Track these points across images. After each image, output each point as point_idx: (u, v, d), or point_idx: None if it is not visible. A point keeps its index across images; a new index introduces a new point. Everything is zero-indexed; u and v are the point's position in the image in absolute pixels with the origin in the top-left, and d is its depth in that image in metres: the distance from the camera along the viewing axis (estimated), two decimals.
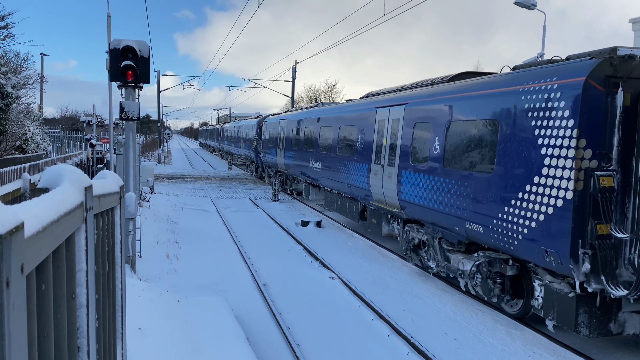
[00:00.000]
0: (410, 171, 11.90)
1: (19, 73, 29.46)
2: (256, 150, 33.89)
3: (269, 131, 28.83)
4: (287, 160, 24.11)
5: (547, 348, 8.13)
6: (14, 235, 1.02)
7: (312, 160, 19.97)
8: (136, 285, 8.54)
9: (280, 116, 27.82)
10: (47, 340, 1.46)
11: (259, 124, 33.51)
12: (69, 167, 1.96)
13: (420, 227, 11.88)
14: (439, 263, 10.99)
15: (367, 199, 14.77)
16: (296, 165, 22.55)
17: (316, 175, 19.74)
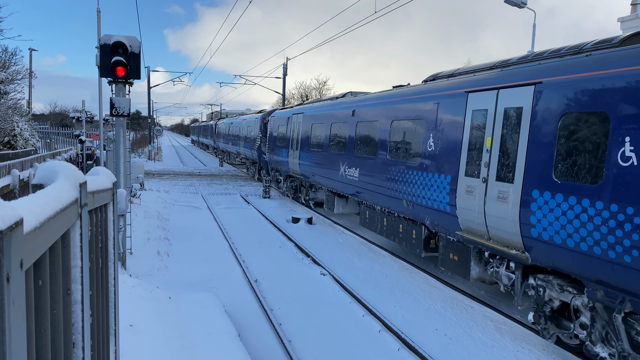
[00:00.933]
0: (551, 192, 7.39)
1: (7, 68, 29.12)
2: (259, 150, 29.42)
3: (277, 128, 24.37)
4: (304, 163, 19.68)
5: (536, 343, 8.23)
6: (14, 231, 1.04)
7: (344, 165, 15.64)
8: (127, 282, 8.52)
9: (293, 110, 22.55)
10: (44, 335, 1.47)
11: (264, 119, 29.14)
12: (64, 164, 1.96)
13: (567, 284, 7.55)
14: (623, 354, 6.51)
15: (444, 226, 10.35)
16: (317, 170, 18.14)
17: (350, 184, 15.28)
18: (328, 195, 18.19)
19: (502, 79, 8.89)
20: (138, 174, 23.83)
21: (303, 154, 19.82)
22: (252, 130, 32.12)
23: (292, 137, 21.45)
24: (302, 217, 17.98)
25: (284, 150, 22.61)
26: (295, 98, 66.97)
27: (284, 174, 23.83)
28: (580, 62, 7.35)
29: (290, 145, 21.67)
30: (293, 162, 21.20)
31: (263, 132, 28.93)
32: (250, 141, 32.21)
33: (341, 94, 18.55)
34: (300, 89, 69.07)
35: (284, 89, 41.49)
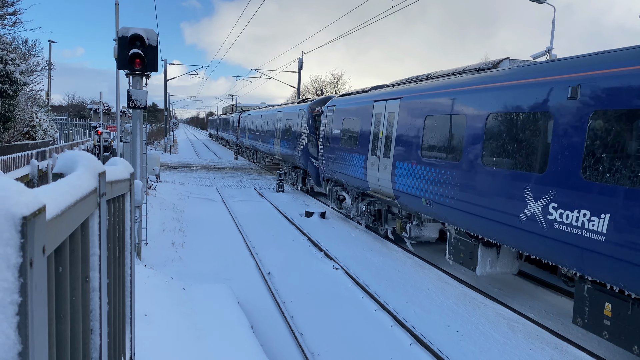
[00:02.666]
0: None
1: (27, 60, 29.55)
2: (306, 153, 22.61)
3: (341, 122, 17.35)
4: (410, 180, 12.18)
5: (549, 342, 8.17)
6: (37, 218, 1.06)
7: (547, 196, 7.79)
8: (142, 272, 8.63)
9: (379, 94, 14.85)
10: (63, 321, 1.50)
11: (312, 110, 22.33)
12: (84, 153, 2.00)
13: None
14: None
15: None
16: (447, 192, 10.55)
17: None
18: (461, 241, 10.44)
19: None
20: (154, 166, 24.06)
21: (404, 164, 12.51)
22: (292, 124, 24.91)
23: (378, 137, 14.23)
24: (315, 212, 18.01)
25: (358, 155, 15.51)
26: (310, 92, 66.94)
27: (356, 191, 16.16)
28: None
29: (373, 149, 14.48)
30: (380, 176, 13.86)
31: (312, 128, 22.15)
32: (291, 139, 24.98)
33: (493, 61, 10.38)
34: (315, 83, 69.02)
35: (299, 83, 41.48)
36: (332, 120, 18.29)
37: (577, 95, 7.39)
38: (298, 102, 26.96)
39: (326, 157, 18.58)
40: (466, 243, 10.31)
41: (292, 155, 24.71)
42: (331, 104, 18.85)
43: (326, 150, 18.58)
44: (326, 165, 18.61)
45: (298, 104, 25.62)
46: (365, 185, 15.09)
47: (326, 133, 18.70)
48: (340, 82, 66.84)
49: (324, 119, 19.13)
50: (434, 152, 11.33)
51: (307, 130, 22.40)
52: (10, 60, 20.58)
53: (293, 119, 25.02)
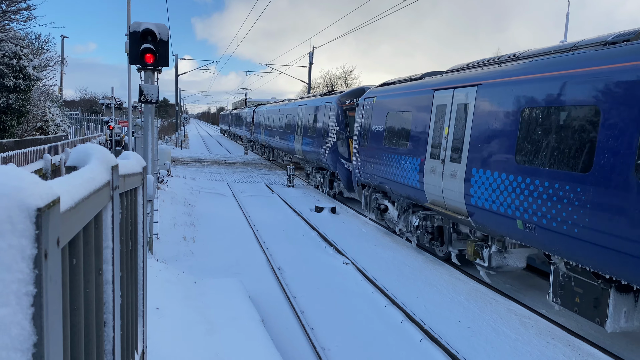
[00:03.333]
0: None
1: (40, 55, 29.81)
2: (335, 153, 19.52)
3: (384, 118, 14.16)
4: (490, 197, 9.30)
5: (561, 338, 8.11)
6: (52, 209, 1.06)
7: None
8: (154, 266, 8.69)
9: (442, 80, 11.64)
10: (77, 313, 1.51)
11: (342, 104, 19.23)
12: (97, 147, 2.00)
13: None
14: None
15: None
16: (553, 221, 7.76)
17: None
18: (577, 281, 7.74)
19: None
20: (165, 161, 24.21)
21: (486, 173, 9.42)
22: (317, 119, 21.92)
23: (440, 136, 11.01)
24: (325, 207, 18.01)
25: (409, 158, 12.27)
26: (320, 87, 66.82)
27: (402, 200, 13.12)
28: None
29: (433, 151, 11.19)
30: (444, 186, 10.67)
31: (341, 124, 19.05)
32: (315, 137, 22.01)
33: None
34: (325, 78, 68.90)
35: (309, 78, 41.43)
36: (370, 115, 15.19)
37: None
38: (323, 95, 23.24)
39: (363, 158, 15.49)
40: (587, 285, 7.51)
41: (317, 155, 21.70)
42: (369, 95, 15.67)
43: (363, 151, 15.52)
44: (363, 168, 15.59)
45: (323, 97, 22.30)
46: (419, 196, 11.84)
47: (363, 130, 15.64)
48: (350, 76, 66.69)
49: (360, 114, 16.10)
50: (540, 157, 8.10)
51: (336, 127, 19.30)
52: (23, 55, 20.78)
53: (318, 114, 21.91)
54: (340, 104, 19.22)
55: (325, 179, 21.88)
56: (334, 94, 21.68)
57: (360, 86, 20.19)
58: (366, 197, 15.82)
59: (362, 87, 19.63)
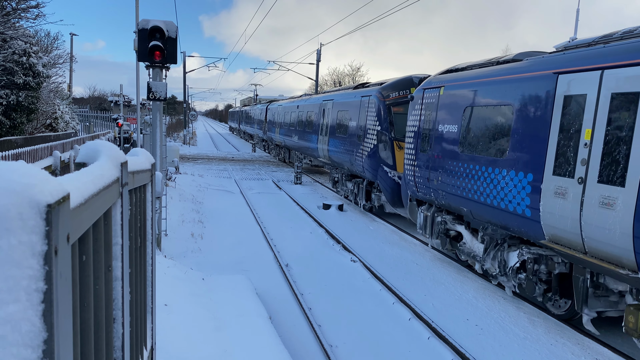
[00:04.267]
0: None
1: (49, 52, 29.99)
2: (375, 157, 16.04)
3: (460, 114, 10.89)
4: None
5: (570, 337, 8.05)
6: (62, 206, 1.06)
7: None
8: (162, 263, 8.73)
9: (566, 56, 8.16)
10: (87, 309, 1.51)
11: (385, 97, 15.80)
12: (106, 143, 2.00)
13: None
14: None
15: None
16: None
17: None
18: None
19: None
20: (173, 158, 24.30)
21: None
22: (350, 117, 18.24)
23: (574, 144, 7.60)
24: (333, 204, 18.00)
25: (510, 173, 9.00)
26: (328, 84, 66.78)
27: (494, 230, 9.74)
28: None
29: (562, 166, 7.82)
30: (585, 218, 7.23)
31: (384, 123, 15.47)
32: (347, 138, 18.35)
33: None
34: (333, 75, 68.82)
35: (317, 75, 41.39)
36: (435, 110, 11.71)
37: None
38: (354, 88, 19.70)
39: (422, 167, 12.06)
40: None
41: (350, 160, 17.91)
42: (431, 84, 12.23)
43: (422, 157, 12.13)
44: (421, 179, 12.07)
45: (356, 90, 18.79)
46: (529, 228, 8.49)
47: (422, 130, 12.28)
48: (358, 73, 66.57)
49: (416, 109, 12.71)
50: None
51: (377, 126, 15.69)
52: (33, 53, 20.92)
53: (350, 110, 18.23)
54: (382, 98, 15.55)
55: (360, 189, 17.61)
56: (369, 86, 18.38)
57: (407, 75, 16.03)
58: (425, 218, 12.18)
59: (409, 76, 15.86)
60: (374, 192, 16.54)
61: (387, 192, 15.38)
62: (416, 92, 13.11)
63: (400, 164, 14.85)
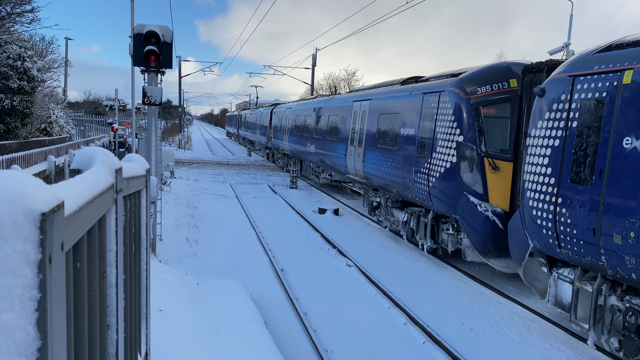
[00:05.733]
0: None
1: (44, 57, 29.92)
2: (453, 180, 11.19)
3: None
4: None
5: (565, 341, 8.08)
6: (56, 214, 1.06)
7: None
8: (157, 268, 8.69)
9: None
10: (81, 316, 1.51)
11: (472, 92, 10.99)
12: (100, 150, 2.01)
13: None
14: None
15: None
16: None
17: None
18: None
19: None
20: (169, 162, 24.25)
21: None
22: (403, 122, 13.56)
23: None
24: (328, 208, 18.00)
25: None
26: (323, 89, 66.88)
27: None
28: None
29: None
30: None
31: (470, 132, 10.86)
32: (397, 150, 13.69)
33: None
34: (329, 79, 68.96)
35: (312, 80, 41.48)
36: (614, 111, 7.06)
37: None
38: (403, 83, 14.93)
39: (574, 205, 7.48)
40: None
41: (404, 182, 13.10)
42: (599, 66, 7.45)
43: (577, 191, 7.47)
44: (574, 226, 7.46)
45: (409, 85, 14.12)
46: None
47: (579, 144, 7.59)
48: (354, 78, 66.73)
49: (559, 110, 8.05)
50: None
51: (456, 135, 11.00)
52: (28, 57, 20.87)
53: (404, 113, 13.49)
54: (464, 95, 10.98)
55: (420, 224, 12.66)
56: (427, 79, 13.44)
57: (500, 63, 11.32)
58: (577, 295, 7.67)
59: (505, 64, 11.04)
60: (446, 230, 11.74)
61: (475, 234, 10.42)
62: (551, 83, 8.39)
63: (495, 192, 10.42)
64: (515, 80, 10.67)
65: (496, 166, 10.52)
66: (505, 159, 10.51)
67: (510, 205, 10.36)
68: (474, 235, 10.52)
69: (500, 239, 10.10)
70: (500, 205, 10.40)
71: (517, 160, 10.34)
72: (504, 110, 10.72)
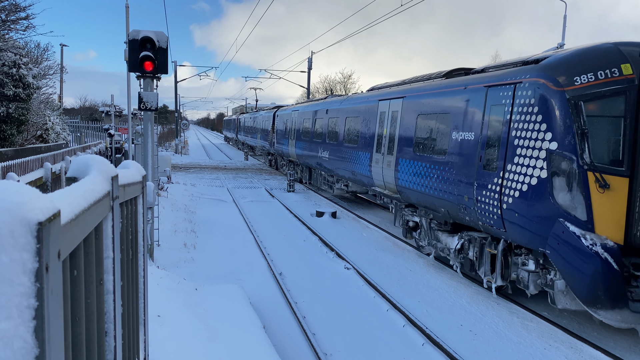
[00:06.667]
0: None
1: (39, 64, 29.90)
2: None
3: None
4: None
5: (564, 341, 8.09)
6: (52, 223, 1.07)
7: None
8: (155, 273, 8.68)
9: None
10: (79, 324, 1.52)
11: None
12: (96, 157, 2.02)
13: None
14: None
15: None
16: None
17: None
18: None
19: None
20: (165, 167, 24.23)
21: None
22: (448, 125, 11.02)
23: None
24: (326, 211, 18.01)
25: None
26: (320, 92, 66.96)
27: None
28: None
29: None
30: None
31: (569, 137, 8.04)
32: (447, 158, 10.86)
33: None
34: (325, 82, 69.04)
35: (308, 83, 41.53)
36: None
37: None
38: (447, 75, 12.34)
39: None
40: None
41: (458, 200, 10.35)
42: None
43: None
44: None
45: (456, 79, 11.59)
46: None
47: None
48: (350, 81, 66.84)
49: None
50: None
51: (545, 141, 8.45)
52: (23, 64, 20.85)
53: (459, 113, 10.65)
54: (558, 87, 8.35)
55: (485, 256, 9.93)
56: (493, 70, 10.46)
57: (603, 44, 8.50)
58: None
59: (610, 45, 8.40)
60: (522, 264, 9.16)
61: (577, 277, 7.85)
62: None
63: (605, 219, 7.81)
64: (630, 65, 7.98)
65: (605, 183, 7.79)
66: (618, 174, 7.83)
67: (625, 236, 7.71)
68: (576, 278, 7.81)
69: (613, 283, 7.47)
70: (613, 237, 7.68)
71: (636, 175, 7.72)
72: (616, 107, 8.02)
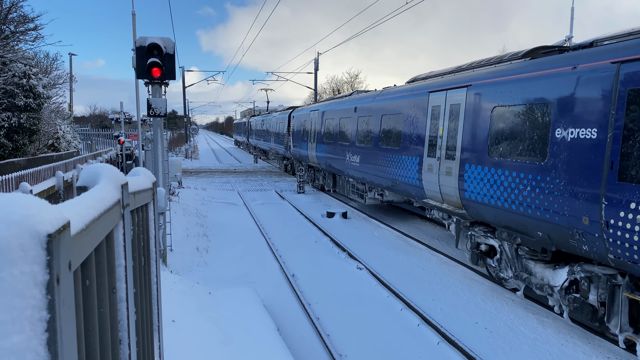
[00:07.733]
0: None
1: (49, 73, 30.20)
2: None
3: None
4: None
5: (581, 336, 8.00)
6: (62, 234, 1.07)
7: None
8: (168, 278, 8.72)
9: None
10: (92, 333, 1.52)
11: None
12: (106, 166, 2.02)
13: None
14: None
15: None
16: None
17: None
18: None
19: None
20: (176, 172, 24.36)
21: None
22: (547, 121, 8.08)
23: None
24: (337, 212, 17.99)
25: None
26: (327, 92, 66.95)
27: None
28: None
29: None
30: None
31: None
32: (550, 165, 7.95)
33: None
34: (332, 83, 69.01)
35: (315, 84, 41.52)
36: None
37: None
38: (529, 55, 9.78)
39: None
40: None
41: (569, 222, 7.55)
42: None
43: None
44: None
45: (583, 52, 7.78)
46: None
47: None
48: (357, 80, 66.75)
49: None
50: None
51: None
52: (33, 74, 21.07)
53: (567, 105, 7.74)
54: None
55: (619, 302, 7.06)
56: (606, 43, 7.70)
57: None
58: None
59: None
60: None
61: None
62: None
63: None
64: None
65: None
66: None
67: None
68: None
69: None
70: None
71: None
72: None
